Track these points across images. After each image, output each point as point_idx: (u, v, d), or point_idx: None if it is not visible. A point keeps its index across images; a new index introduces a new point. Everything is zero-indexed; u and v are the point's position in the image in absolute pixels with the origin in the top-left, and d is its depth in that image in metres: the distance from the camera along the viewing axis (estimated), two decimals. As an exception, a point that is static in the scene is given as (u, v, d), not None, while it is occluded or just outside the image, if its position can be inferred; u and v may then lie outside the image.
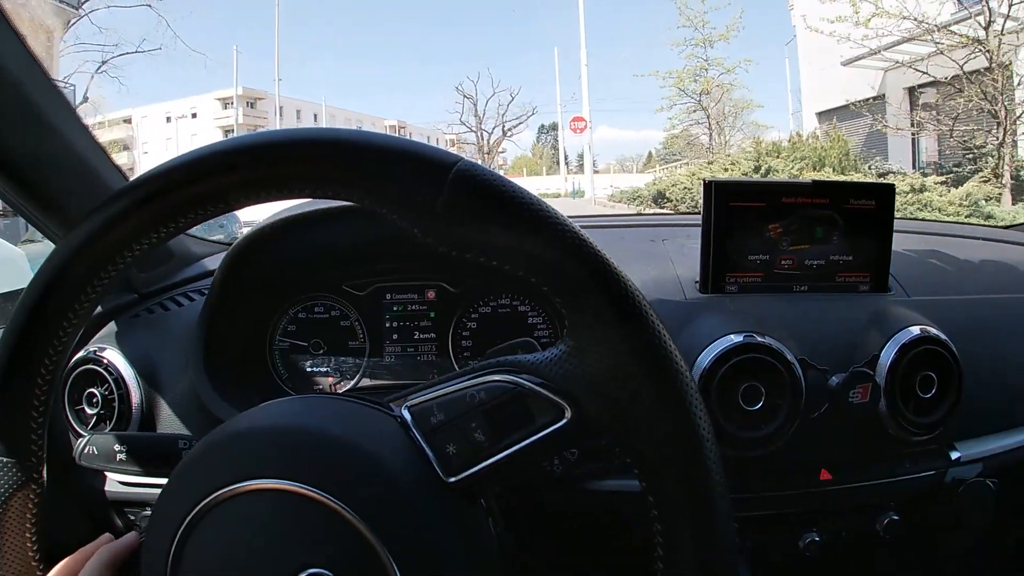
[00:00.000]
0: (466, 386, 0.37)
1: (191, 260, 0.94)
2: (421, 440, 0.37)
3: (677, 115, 17.87)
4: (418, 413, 0.38)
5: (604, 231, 0.98)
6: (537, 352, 0.37)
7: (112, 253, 0.37)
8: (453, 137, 32.74)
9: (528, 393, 0.36)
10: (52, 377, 0.39)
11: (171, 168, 0.36)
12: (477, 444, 0.36)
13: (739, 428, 0.66)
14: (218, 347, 0.74)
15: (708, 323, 0.72)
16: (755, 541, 0.74)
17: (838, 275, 0.78)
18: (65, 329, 0.38)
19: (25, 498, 0.40)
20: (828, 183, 0.78)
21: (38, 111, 0.65)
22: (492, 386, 0.37)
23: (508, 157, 37.28)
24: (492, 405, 0.36)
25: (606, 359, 0.33)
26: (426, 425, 0.37)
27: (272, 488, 0.34)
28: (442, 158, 0.34)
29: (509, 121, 30.34)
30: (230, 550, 0.35)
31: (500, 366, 0.37)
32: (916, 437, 0.71)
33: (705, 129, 17.40)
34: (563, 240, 0.33)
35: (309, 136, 0.35)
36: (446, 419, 0.37)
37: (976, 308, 0.81)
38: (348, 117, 34.33)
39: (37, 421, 0.39)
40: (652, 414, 0.33)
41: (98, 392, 0.73)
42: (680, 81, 16.81)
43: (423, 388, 0.39)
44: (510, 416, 0.36)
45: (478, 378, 0.37)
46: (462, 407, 0.37)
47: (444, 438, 0.37)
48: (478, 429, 0.36)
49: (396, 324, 0.82)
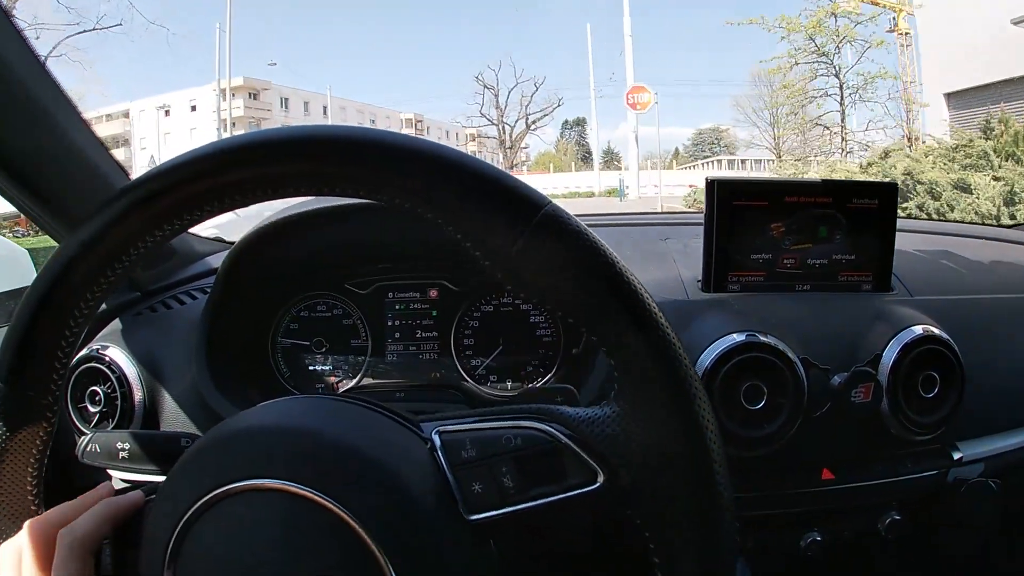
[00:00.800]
0: (503, 427, 0.37)
1: (194, 258, 0.94)
2: (448, 471, 0.36)
3: (795, 80, 13.73)
4: (450, 443, 0.37)
5: (607, 229, 0.98)
6: (579, 408, 0.36)
7: (144, 231, 0.36)
8: (474, 131, 31.29)
9: (564, 449, 0.36)
10: (79, 329, 0.38)
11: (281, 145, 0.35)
12: (504, 489, 0.35)
13: (741, 427, 0.66)
14: (221, 345, 0.74)
15: (710, 322, 0.72)
16: (756, 540, 0.74)
17: (841, 274, 0.78)
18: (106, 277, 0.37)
19: (34, 434, 0.39)
20: (831, 182, 0.78)
21: (41, 109, 0.65)
22: (529, 434, 0.36)
23: (531, 152, 35.42)
24: (526, 453, 0.36)
25: (651, 434, 0.33)
26: (456, 458, 0.36)
27: (286, 490, 0.33)
28: (534, 199, 0.33)
29: (533, 113, 28.81)
30: (234, 548, 0.34)
31: (540, 414, 0.37)
32: (918, 437, 0.71)
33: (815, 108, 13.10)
34: (635, 311, 0.33)
35: (408, 145, 0.34)
36: (477, 456, 0.36)
37: (979, 308, 0.81)
38: (360, 110, 32.64)
39: (61, 362, 0.39)
40: (683, 491, 0.33)
41: (101, 390, 0.73)
42: (811, 25, 12.48)
43: (459, 417, 0.39)
44: (542, 468, 0.36)
45: (516, 421, 0.37)
46: (495, 448, 0.36)
47: (472, 475, 0.36)
48: (508, 474, 0.36)
49: (398, 322, 0.82)
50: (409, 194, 0.34)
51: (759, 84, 19.45)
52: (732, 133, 23.98)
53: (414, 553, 0.33)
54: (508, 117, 28.94)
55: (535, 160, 35.05)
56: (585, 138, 37.71)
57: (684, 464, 0.33)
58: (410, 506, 0.34)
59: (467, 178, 0.33)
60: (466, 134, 33.14)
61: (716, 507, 0.33)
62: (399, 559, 0.32)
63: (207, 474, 0.35)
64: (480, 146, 30.97)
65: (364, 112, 33.24)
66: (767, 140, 20.24)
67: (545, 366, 0.80)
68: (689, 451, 0.33)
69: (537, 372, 0.80)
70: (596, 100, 22.70)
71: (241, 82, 26.37)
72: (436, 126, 35.93)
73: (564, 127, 36.89)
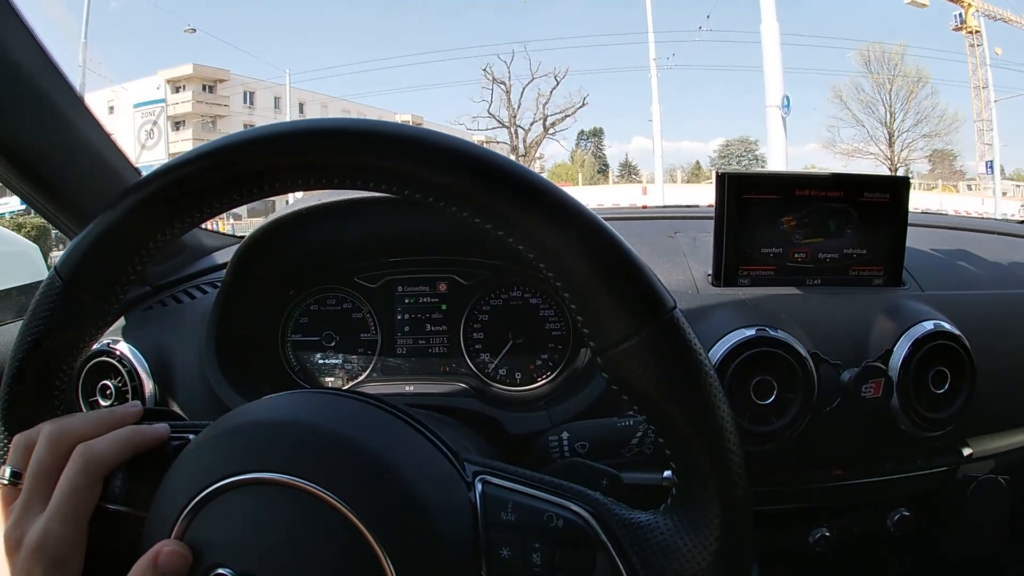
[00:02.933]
0: (548, 501, 0.36)
1: (204, 253, 0.95)
2: (482, 528, 0.35)
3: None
4: (491, 497, 0.36)
5: (617, 223, 0.97)
6: (628, 509, 0.36)
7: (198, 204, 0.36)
8: (483, 138, 25.00)
9: (601, 547, 0.35)
10: (147, 258, 0.38)
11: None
12: (530, 565, 0.35)
13: (751, 422, 0.66)
14: (230, 339, 0.75)
15: (721, 317, 0.72)
16: (765, 536, 0.74)
17: (852, 269, 0.78)
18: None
19: (75, 337, 0.39)
20: (842, 175, 0.77)
21: (53, 107, 0.65)
22: (572, 520, 0.35)
23: (547, 164, 29.51)
24: (562, 537, 0.35)
25: (698, 561, 0.33)
26: (494, 516, 0.36)
27: (302, 489, 0.33)
28: (663, 299, 0.33)
29: (553, 115, 23.86)
30: (260, 538, 0.33)
31: (588, 501, 0.36)
32: (928, 433, 0.71)
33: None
34: (719, 445, 0.33)
35: (560, 198, 0.33)
36: (515, 522, 0.35)
37: (990, 303, 0.80)
38: (346, 108, 27.23)
39: (121, 282, 0.38)
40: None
41: (111, 384, 0.74)
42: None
43: (507, 471, 0.38)
44: (574, 557, 0.35)
45: (563, 499, 0.36)
46: (536, 522, 0.35)
47: (503, 539, 0.35)
48: (538, 551, 0.35)
49: (408, 316, 0.82)
50: (543, 253, 0.33)
51: (875, 67, 16.93)
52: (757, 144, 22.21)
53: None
54: (522, 119, 24.14)
55: (551, 171, 29.90)
56: (602, 150, 33.87)
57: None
58: (435, 552, 0.34)
59: (608, 255, 0.33)
60: (475, 140, 29.37)
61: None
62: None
63: (222, 463, 0.35)
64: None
65: (351, 112, 27.33)
66: (877, 146, 17.97)
67: (555, 360, 0.80)
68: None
69: (546, 366, 0.80)
70: (657, 75, 16.73)
71: (190, 71, 22.62)
72: (437, 129, 32.97)
73: (580, 137, 32.78)
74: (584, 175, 29.03)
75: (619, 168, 33.80)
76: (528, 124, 24.14)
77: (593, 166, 32.03)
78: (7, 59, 0.61)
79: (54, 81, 0.65)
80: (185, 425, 0.43)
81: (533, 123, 24.13)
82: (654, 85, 16.55)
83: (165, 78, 22.31)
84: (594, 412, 0.69)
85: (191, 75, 22.69)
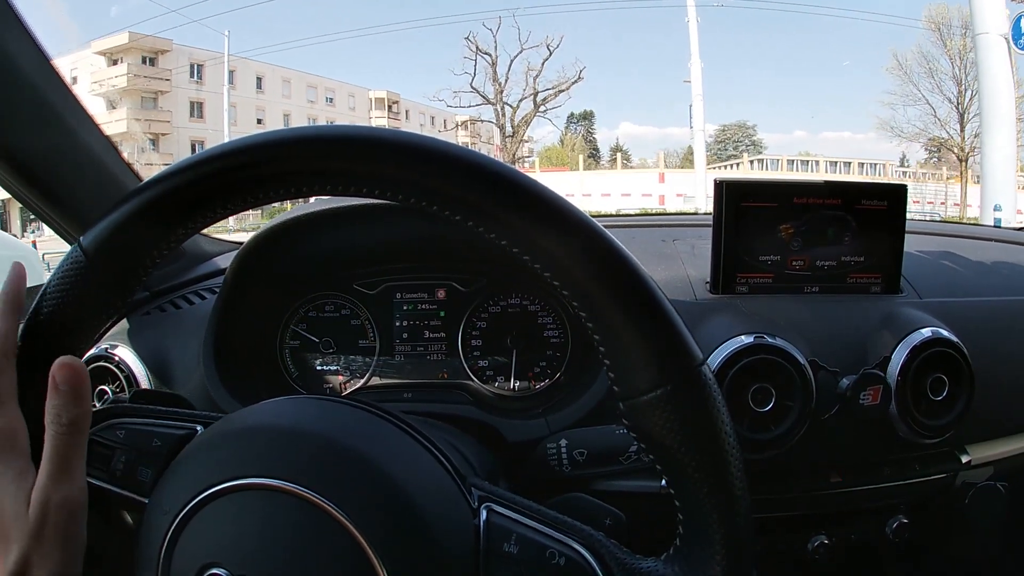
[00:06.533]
0: (552, 538, 0.36)
1: (203, 258, 0.95)
2: (483, 556, 0.35)
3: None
4: (496, 527, 0.36)
5: (616, 230, 0.97)
6: (632, 556, 0.36)
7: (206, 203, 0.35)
8: (466, 118, 23.15)
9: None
10: (175, 244, 0.37)
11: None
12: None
13: (749, 430, 0.66)
14: (229, 345, 0.74)
15: (718, 324, 0.72)
16: (764, 543, 0.74)
17: (850, 276, 0.78)
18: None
19: (95, 307, 0.38)
20: (840, 183, 0.77)
21: (52, 111, 0.66)
22: (575, 559, 0.35)
23: (535, 147, 27.18)
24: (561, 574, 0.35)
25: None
26: (496, 547, 0.35)
27: (304, 498, 0.33)
28: (692, 354, 0.33)
29: (544, 91, 20.99)
30: (258, 546, 0.34)
31: (591, 542, 0.36)
32: (926, 440, 0.71)
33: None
34: (731, 506, 0.33)
35: (593, 229, 0.33)
36: (516, 556, 0.35)
37: (988, 310, 0.80)
38: (312, 83, 24.91)
39: (144, 265, 0.37)
40: None
41: (109, 389, 0.74)
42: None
43: (513, 501, 0.37)
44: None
45: (567, 537, 0.36)
46: (538, 558, 0.35)
47: (502, 570, 0.35)
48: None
49: (406, 323, 0.82)
50: (574, 287, 0.33)
51: (946, 32, 13.90)
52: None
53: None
54: (509, 96, 21.20)
55: (540, 155, 27.93)
56: (593, 134, 32.85)
57: None
58: (433, 573, 0.34)
59: (641, 303, 0.33)
60: (457, 121, 24.54)
61: None
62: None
63: (247, 463, 0.35)
64: (474, 137, 23.51)
65: (318, 87, 25.36)
66: (942, 126, 14.65)
67: (553, 367, 0.80)
68: None
69: (544, 373, 0.80)
70: (699, 44, 14.64)
71: (126, 40, 20.03)
72: (416, 109, 28.97)
73: (570, 120, 31.00)
74: (580, 160, 26.26)
75: (609, 153, 32.70)
76: (516, 101, 21.35)
77: (583, 150, 29.98)
78: (8, 62, 0.61)
79: (54, 85, 0.66)
80: (194, 414, 0.43)
81: (522, 100, 21.30)
82: (693, 30, 14.26)
83: (97, 50, 20.39)
84: (592, 420, 0.69)
85: (128, 45, 20.37)
